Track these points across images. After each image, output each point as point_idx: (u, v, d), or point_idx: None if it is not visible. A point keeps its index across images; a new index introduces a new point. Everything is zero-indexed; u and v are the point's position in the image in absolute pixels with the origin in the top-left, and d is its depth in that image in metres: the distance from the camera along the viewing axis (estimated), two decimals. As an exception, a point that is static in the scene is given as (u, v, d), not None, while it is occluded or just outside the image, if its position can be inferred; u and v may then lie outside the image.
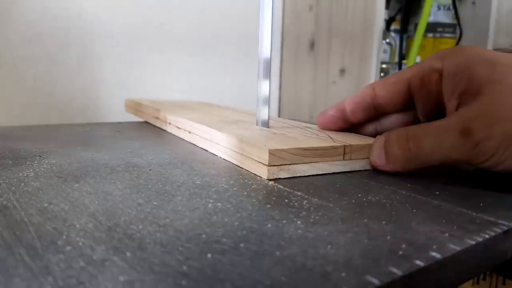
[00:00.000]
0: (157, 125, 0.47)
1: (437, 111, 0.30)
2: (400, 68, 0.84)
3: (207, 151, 0.34)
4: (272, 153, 0.25)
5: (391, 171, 0.28)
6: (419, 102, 0.30)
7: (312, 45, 0.96)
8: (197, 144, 0.36)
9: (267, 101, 0.35)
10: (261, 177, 0.26)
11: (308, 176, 0.27)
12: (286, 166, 0.26)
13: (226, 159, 0.30)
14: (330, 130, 0.34)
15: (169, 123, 0.43)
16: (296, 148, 0.26)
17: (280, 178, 0.25)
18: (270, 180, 0.25)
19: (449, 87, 0.27)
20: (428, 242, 0.16)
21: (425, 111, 0.30)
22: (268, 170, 0.25)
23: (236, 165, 0.29)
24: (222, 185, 0.24)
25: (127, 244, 0.15)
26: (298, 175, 0.26)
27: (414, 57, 0.87)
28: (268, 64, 0.34)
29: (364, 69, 0.85)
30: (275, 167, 0.25)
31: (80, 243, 0.15)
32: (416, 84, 0.30)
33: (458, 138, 0.25)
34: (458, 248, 0.16)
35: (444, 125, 0.25)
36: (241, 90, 0.96)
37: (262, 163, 0.25)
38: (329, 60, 0.92)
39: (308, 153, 0.26)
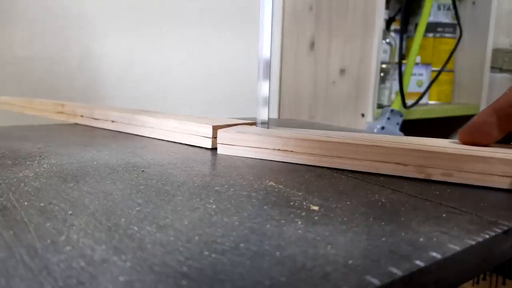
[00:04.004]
0: (61, 119, 0.50)
1: None
2: (400, 68, 0.83)
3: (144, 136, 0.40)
4: (214, 128, 0.35)
5: None
6: None
7: (312, 45, 0.96)
8: (123, 131, 0.43)
9: (267, 101, 0.35)
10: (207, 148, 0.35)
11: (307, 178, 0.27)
12: None
13: (171, 140, 0.38)
14: (478, 144, 0.29)
15: (81, 116, 0.48)
16: (226, 124, 0.36)
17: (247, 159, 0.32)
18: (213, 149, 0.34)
19: None
20: (428, 242, 0.16)
21: None
22: (212, 141, 0.34)
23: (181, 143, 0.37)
24: (222, 185, 0.24)
25: (127, 244, 0.15)
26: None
27: (414, 57, 0.87)
28: (268, 64, 0.34)
29: (364, 69, 0.84)
30: (216, 138, 0.34)
31: (80, 243, 0.15)
32: None
33: None
34: (458, 248, 0.16)
35: None
36: (241, 90, 0.96)
37: (207, 137, 0.35)
38: (329, 60, 0.92)
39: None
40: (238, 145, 0.33)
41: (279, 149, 0.31)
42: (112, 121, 0.44)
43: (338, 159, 0.29)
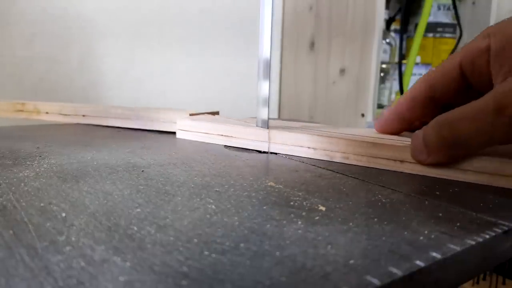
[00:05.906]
0: (22, 117, 0.49)
1: None
2: (400, 68, 0.84)
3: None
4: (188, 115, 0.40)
5: (434, 163, 0.26)
6: (476, 87, 0.27)
7: (312, 45, 0.96)
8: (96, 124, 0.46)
9: (267, 101, 0.35)
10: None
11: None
12: None
13: (152, 129, 0.42)
14: (389, 133, 0.33)
15: (46, 113, 0.48)
16: (192, 113, 0.42)
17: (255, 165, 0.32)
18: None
19: (496, 65, 0.25)
20: (428, 242, 0.16)
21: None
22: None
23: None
24: (222, 185, 0.24)
25: (127, 244, 0.15)
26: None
27: (414, 57, 0.87)
28: (268, 64, 0.34)
29: (364, 69, 0.85)
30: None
31: (80, 243, 0.15)
32: (468, 68, 0.27)
33: (493, 117, 0.22)
34: (458, 248, 0.16)
35: (479, 105, 0.23)
36: (241, 90, 0.96)
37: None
38: (329, 60, 0.92)
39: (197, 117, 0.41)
40: (192, 131, 0.38)
41: (222, 135, 0.36)
42: (83, 116, 0.46)
43: (260, 143, 0.34)
